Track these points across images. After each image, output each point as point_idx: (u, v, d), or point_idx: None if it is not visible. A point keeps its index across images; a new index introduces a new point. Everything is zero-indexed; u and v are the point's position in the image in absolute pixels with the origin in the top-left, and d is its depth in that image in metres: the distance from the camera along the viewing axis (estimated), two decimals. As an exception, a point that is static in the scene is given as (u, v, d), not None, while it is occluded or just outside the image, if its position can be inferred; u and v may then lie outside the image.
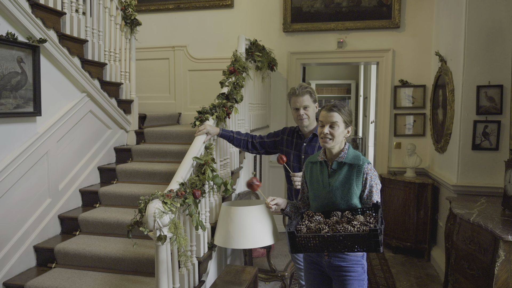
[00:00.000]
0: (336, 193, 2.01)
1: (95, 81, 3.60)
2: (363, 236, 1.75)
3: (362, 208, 1.97)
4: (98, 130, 3.76)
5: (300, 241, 1.85)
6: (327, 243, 1.81)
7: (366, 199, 2.01)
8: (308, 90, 2.57)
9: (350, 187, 1.99)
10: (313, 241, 1.83)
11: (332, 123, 2.01)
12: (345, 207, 2.00)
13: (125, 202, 3.40)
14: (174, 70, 5.38)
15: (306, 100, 2.55)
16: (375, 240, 1.75)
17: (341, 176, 2.02)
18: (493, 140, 3.62)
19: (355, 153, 2.06)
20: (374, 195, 1.99)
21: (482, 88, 3.61)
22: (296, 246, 1.86)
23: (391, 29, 4.81)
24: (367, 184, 1.99)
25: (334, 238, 1.78)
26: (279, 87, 5.19)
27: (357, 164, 2.00)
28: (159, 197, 2.02)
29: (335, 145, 2.03)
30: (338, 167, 2.05)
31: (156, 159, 3.93)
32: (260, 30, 5.07)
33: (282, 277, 3.17)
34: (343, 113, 2.02)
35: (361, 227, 1.81)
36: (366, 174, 1.99)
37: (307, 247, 1.85)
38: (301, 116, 2.56)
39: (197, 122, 2.81)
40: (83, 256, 2.86)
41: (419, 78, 4.82)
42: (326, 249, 1.84)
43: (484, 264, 2.65)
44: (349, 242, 1.78)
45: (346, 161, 2.03)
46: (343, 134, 2.04)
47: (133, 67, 4.21)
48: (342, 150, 2.06)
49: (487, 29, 3.55)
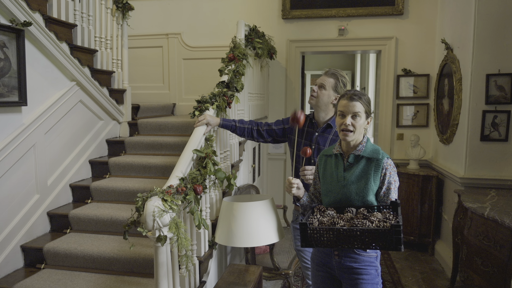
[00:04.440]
0: (351, 188, 1.85)
1: (85, 69, 3.37)
2: (383, 232, 1.62)
3: (379, 205, 1.81)
4: (88, 121, 3.55)
5: (313, 234, 1.70)
6: (342, 238, 1.67)
7: (383, 196, 1.84)
8: (337, 77, 2.37)
9: (366, 183, 1.83)
10: (326, 235, 1.69)
11: (354, 113, 1.83)
12: (359, 204, 1.83)
13: (118, 197, 3.21)
14: (168, 58, 5.15)
15: (328, 81, 2.36)
16: (397, 237, 1.61)
17: (357, 170, 1.86)
18: (503, 131, 3.49)
19: (374, 147, 1.89)
20: (392, 192, 1.83)
21: (491, 76, 3.46)
22: (307, 240, 1.72)
23: (394, 16, 4.63)
24: (386, 180, 1.83)
25: (350, 232, 1.65)
26: (278, 77, 5.00)
27: (376, 158, 1.84)
28: (158, 194, 1.84)
29: (355, 138, 1.85)
30: (355, 161, 1.88)
31: (151, 152, 3.73)
32: (257, 17, 4.85)
33: (286, 275, 3.02)
34: (364, 102, 1.84)
35: (380, 223, 1.67)
36: (385, 170, 1.83)
37: (320, 241, 1.71)
38: (312, 91, 2.40)
39: (196, 112, 2.62)
40: (74, 256, 2.67)
41: (423, 67, 4.67)
42: (341, 245, 1.69)
43: (500, 261, 2.53)
44: (367, 238, 1.64)
45: (364, 154, 1.86)
46: (364, 125, 1.87)
47: (126, 54, 3.99)
48: (360, 142, 1.89)
49: (497, 15, 3.40)
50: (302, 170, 2.24)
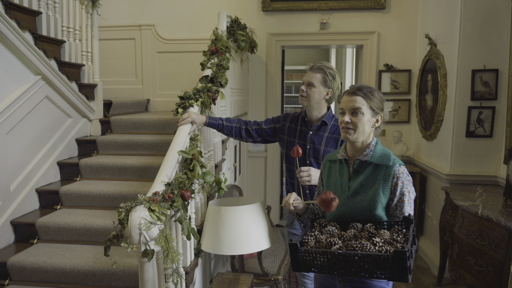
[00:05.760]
0: (356, 200, 1.62)
1: (51, 61, 3.06)
2: (385, 258, 1.32)
3: (389, 221, 1.58)
4: (56, 119, 3.24)
5: (305, 257, 1.45)
6: (338, 263, 1.40)
7: (394, 210, 1.60)
8: (324, 70, 2.19)
9: (374, 194, 1.59)
10: (320, 259, 1.42)
11: (354, 109, 1.61)
12: (366, 219, 1.60)
13: (92, 202, 2.94)
14: (141, 51, 4.84)
15: (315, 78, 2.19)
16: (401, 266, 1.30)
17: (363, 179, 1.63)
18: (487, 127, 3.48)
19: (384, 151, 1.65)
20: (406, 205, 1.59)
21: (477, 72, 3.43)
22: (298, 263, 1.47)
23: (377, 10, 4.55)
24: (397, 191, 1.58)
25: (347, 257, 1.37)
26: (258, 71, 4.82)
27: (385, 165, 1.60)
28: (144, 203, 1.62)
29: (358, 138, 1.63)
30: (361, 168, 1.65)
31: (126, 152, 3.46)
32: (237, 9, 4.64)
33: (276, 281, 2.86)
34: (369, 98, 1.62)
35: (384, 245, 1.39)
36: (397, 179, 1.58)
37: (313, 265, 1.45)
38: (301, 91, 2.22)
39: (180, 109, 2.40)
40: (43, 270, 2.40)
41: (404, 62, 4.62)
42: (337, 271, 1.42)
43: (495, 261, 2.48)
44: (366, 264, 1.36)
45: (371, 160, 1.63)
46: (370, 124, 1.63)
47: (96, 46, 3.68)
48: (368, 146, 1.66)
49: (484, 10, 3.36)
50: (298, 172, 2.08)
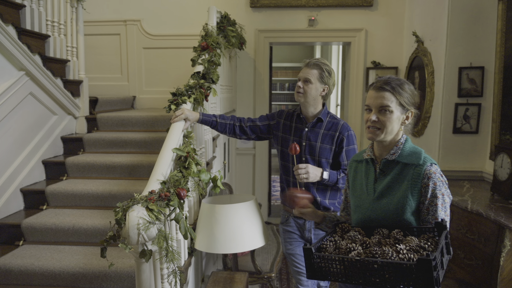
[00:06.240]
0: (382, 203, 1.49)
1: (35, 56, 2.95)
2: (408, 267, 1.18)
3: (419, 227, 1.42)
4: (41, 116, 3.13)
5: (320, 263, 1.33)
6: (356, 271, 1.27)
7: (426, 214, 1.44)
8: (320, 66, 2.19)
9: (402, 196, 1.45)
10: (337, 266, 1.30)
11: (382, 107, 1.46)
12: (394, 224, 1.45)
13: (80, 202, 2.86)
14: (127, 47, 4.74)
15: (312, 74, 2.18)
16: (426, 276, 1.15)
17: (390, 180, 1.49)
18: (473, 123, 3.55)
19: (413, 149, 1.50)
20: (439, 210, 1.42)
21: (464, 69, 3.49)
22: (314, 270, 1.35)
23: (364, 8, 4.58)
24: (428, 193, 1.43)
25: (366, 265, 1.24)
26: (246, 68, 4.78)
27: (415, 164, 1.45)
28: (142, 203, 1.57)
29: (386, 138, 1.49)
30: (388, 168, 1.51)
31: (114, 150, 3.38)
32: (224, 5, 4.58)
33: (269, 278, 2.85)
34: (399, 93, 1.46)
35: (408, 253, 1.25)
36: (427, 179, 1.42)
37: (329, 272, 1.33)
38: (297, 88, 2.21)
39: (173, 106, 2.35)
40: (31, 272, 2.31)
41: (391, 59, 4.66)
42: (355, 281, 1.28)
43: (486, 255, 2.53)
44: (387, 273, 1.22)
45: (399, 159, 1.48)
46: (399, 122, 1.48)
47: (81, 41, 3.58)
48: (396, 143, 1.51)
49: (470, 9, 3.41)
50: (296, 169, 2.07)
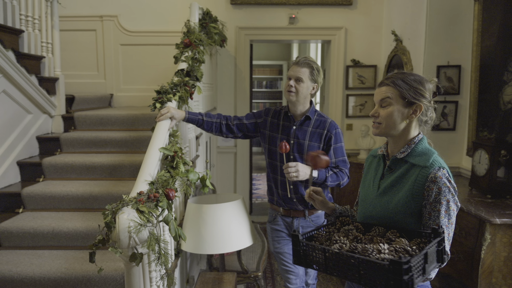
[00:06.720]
0: (382, 200, 1.44)
1: (8, 52, 2.81)
2: (381, 267, 1.13)
3: (415, 230, 1.34)
4: (14, 115, 2.99)
5: (304, 250, 1.33)
6: (336, 264, 1.24)
7: (427, 219, 1.36)
8: (311, 65, 2.20)
9: (402, 197, 1.39)
10: (318, 256, 1.28)
11: (382, 100, 1.41)
12: (391, 224, 1.40)
13: (59, 204, 2.75)
14: (103, 44, 4.60)
15: (303, 72, 2.18)
16: (396, 279, 1.09)
17: (395, 178, 1.43)
18: (451, 120, 3.65)
19: (425, 150, 1.41)
20: (442, 216, 1.33)
21: (442, 68, 3.58)
22: (299, 256, 1.35)
23: (344, 6, 4.62)
24: (430, 198, 1.34)
25: (344, 259, 1.21)
26: (227, 66, 4.74)
27: (422, 166, 1.37)
28: (132, 204, 1.52)
29: (390, 132, 1.43)
30: (396, 165, 1.45)
31: (93, 150, 3.27)
32: (205, 1, 4.51)
33: (256, 277, 2.83)
34: (399, 85, 1.39)
35: (390, 253, 1.21)
36: (432, 183, 1.34)
37: (311, 261, 1.32)
38: (289, 87, 2.20)
39: (157, 104, 2.29)
40: (9, 280, 2.20)
41: (370, 58, 4.73)
42: (336, 272, 1.25)
43: (467, 248, 2.60)
44: (362, 270, 1.18)
45: (408, 158, 1.41)
46: (401, 116, 1.40)
47: (57, 37, 3.44)
48: (408, 142, 1.43)
49: (448, 9, 3.51)
50: (286, 167, 2.05)
